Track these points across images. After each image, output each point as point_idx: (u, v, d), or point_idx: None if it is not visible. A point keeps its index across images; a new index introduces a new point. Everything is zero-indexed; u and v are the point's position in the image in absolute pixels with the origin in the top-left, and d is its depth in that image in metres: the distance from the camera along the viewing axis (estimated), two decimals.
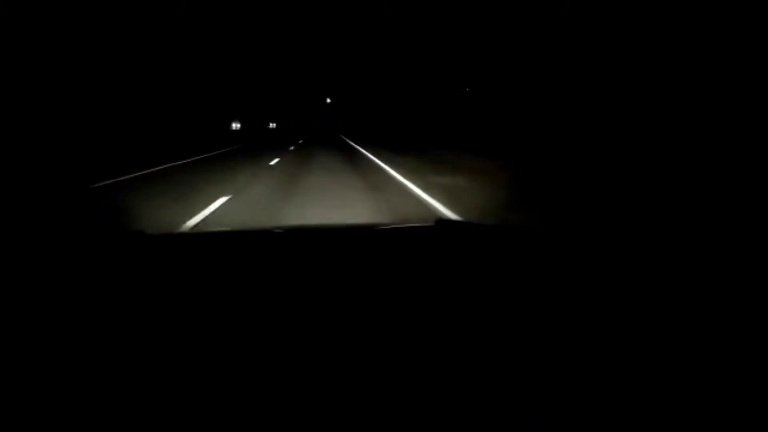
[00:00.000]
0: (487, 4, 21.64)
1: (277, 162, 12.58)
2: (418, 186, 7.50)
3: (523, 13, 19.08)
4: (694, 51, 11.33)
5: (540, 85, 18.47)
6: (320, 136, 39.20)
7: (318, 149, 18.67)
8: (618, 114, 13.68)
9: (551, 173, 9.29)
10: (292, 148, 19.79)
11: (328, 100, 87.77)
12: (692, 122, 10.98)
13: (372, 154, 15.20)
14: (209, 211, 5.44)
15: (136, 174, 9.17)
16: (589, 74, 15.25)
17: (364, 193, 7.01)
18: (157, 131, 24.84)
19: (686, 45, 11.51)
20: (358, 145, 21.44)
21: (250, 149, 18.95)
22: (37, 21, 19.47)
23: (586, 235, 1.55)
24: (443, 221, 1.38)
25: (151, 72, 28.70)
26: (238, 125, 62.62)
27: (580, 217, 5.08)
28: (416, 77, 35.77)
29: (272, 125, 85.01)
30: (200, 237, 1.46)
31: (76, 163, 11.04)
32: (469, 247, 1.20)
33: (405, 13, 36.06)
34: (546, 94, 18.10)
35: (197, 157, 13.76)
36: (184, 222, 4.82)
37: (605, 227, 4.44)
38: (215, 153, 16.10)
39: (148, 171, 9.81)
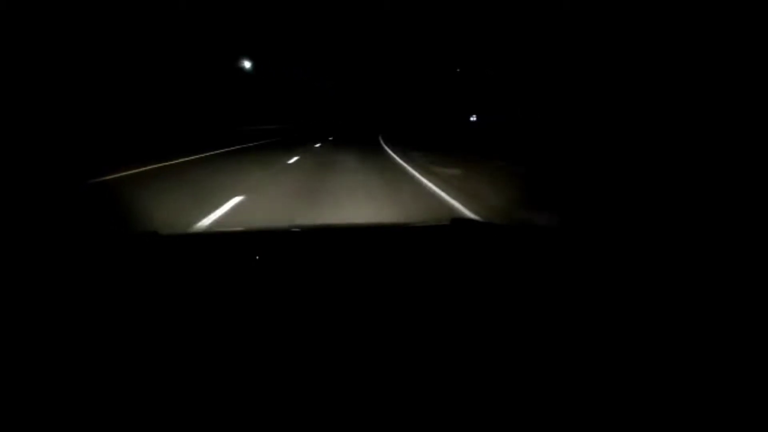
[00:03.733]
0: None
1: None
2: None
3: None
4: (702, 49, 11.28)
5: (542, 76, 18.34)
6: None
7: None
8: (620, 113, 13.62)
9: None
10: None
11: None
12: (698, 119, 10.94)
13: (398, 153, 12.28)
14: None
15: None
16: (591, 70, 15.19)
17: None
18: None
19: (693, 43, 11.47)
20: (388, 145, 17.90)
21: None
22: (37, 19, 19.31)
23: (600, 235, 1.56)
24: (459, 220, 1.39)
25: (148, 68, 28.14)
26: None
27: (600, 216, 4.96)
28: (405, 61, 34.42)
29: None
30: (214, 237, 1.46)
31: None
32: (484, 247, 1.20)
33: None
34: (548, 89, 18.01)
35: None
36: None
37: (622, 227, 4.34)
38: None
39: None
